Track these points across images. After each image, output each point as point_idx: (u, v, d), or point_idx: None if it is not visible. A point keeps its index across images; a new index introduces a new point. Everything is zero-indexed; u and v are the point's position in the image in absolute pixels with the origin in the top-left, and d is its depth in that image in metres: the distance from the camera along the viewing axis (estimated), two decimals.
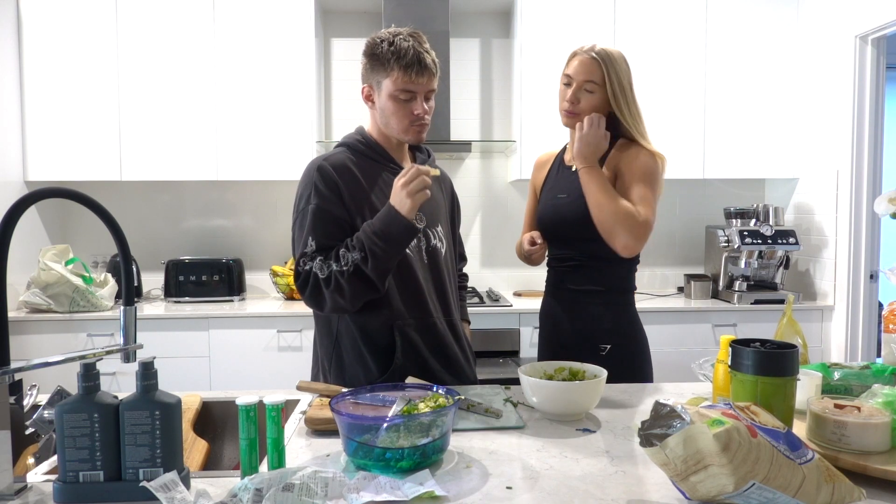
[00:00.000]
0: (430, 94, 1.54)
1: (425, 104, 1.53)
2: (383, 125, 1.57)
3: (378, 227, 1.43)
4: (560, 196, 1.74)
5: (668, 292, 3.54)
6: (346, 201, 1.50)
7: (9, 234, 0.96)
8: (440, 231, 1.65)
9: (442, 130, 3.21)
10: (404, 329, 1.54)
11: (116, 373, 2.88)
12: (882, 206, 1.46)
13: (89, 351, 1.03)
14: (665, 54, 3.24)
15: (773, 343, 1.12)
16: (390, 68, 1.48)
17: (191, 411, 1.38)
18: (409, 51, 1.46)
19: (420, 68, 1.47)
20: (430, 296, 1.59)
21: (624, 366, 1.68)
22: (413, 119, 1.52)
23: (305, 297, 1.49)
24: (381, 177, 1.56)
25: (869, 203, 2.99)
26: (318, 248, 1.47)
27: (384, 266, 1.44)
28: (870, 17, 2.88)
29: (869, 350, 3.05)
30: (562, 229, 1.73)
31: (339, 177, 1.51)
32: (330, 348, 1.59)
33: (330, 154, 1.58)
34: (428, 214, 1.61)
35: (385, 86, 1.51)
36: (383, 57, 1.48)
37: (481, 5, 3.51)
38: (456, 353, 1.64)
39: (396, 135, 1.57)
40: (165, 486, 0.90)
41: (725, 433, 0.82)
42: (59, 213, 3.43)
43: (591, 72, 1.66)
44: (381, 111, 1.55)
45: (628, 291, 1.77)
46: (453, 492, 0.96)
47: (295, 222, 1.54)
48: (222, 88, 3.15)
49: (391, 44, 1.48)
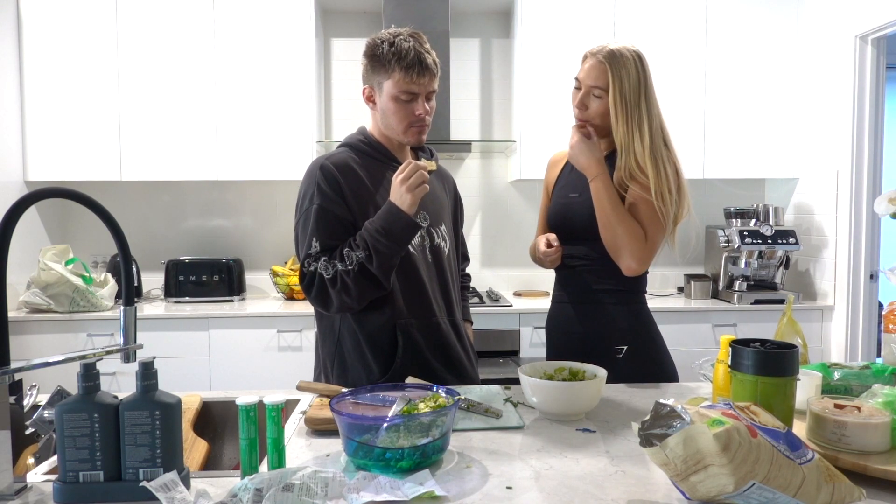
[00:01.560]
0: (431, 94, 1.54)
1: (426, 104, 1.53)
2: (384, 126, 1.57)
3: (380, 224, 1.43)
4: (572, 195, 1.71)
5: (668, 292, 3.54)
6: (348, 200, 1.50)
7: (9, 234, 0.96)
8: (444, 230, 1.65)
9: (442, 130, 3.21)
10: (407, 329, 1.54)
11: (116, 373, 2.88)
12: (882, 206, 1.46)
13: (89, 351, 1.03)
14: (665, 54, 3.24)
15: (773, 343, 1.12)
16: (391, 69, 1.47)
17: (191, 411, 1.38)
18: (410, 51, 1.46)
19: (421, 69, 1.47)
20: (434, 295, 1.59)
21: (643, 368, 1.64)
22: (414, 120, 1.52)
23: (311, 298, 1.49)
24: (386, 175, 1.56)
25: (869, 203, 2.99)
26: (322, 249, 1.47)
27: (388, 263, 1.44)
28: (870, 17, 2.88)
29: (869, 350, 3.05)
30: (573, 228, 1.69)
31: (342, 176, 1.51)
32: (332, 349, 1.59)
33: (332, 154, 1.58)
34: (431, 213, 1.62)
35: (386, 87, 1.51)
36: (384, 58, 1.48)
37: (481, 5, 3.51)
38: (458, 353, 1.64)
39: (397, 136, 1.57)
40: (165, 486, 0.90)
41: (725, 433, 0.82)
42: (59, 213, 3.43)
43: (597, 77, 1.60)
44: (383, 112, 1.55)
45: (641, 291, 1.73)
46: (453, 492, 0.96)
47: (298, 223, 1.54)
48: (222, 88, 3.15)
49: (392, 45, 1.47)
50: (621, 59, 1.58)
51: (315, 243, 1.47)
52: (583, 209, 1.65)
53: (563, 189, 1.76)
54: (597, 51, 1.61)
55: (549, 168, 1.88)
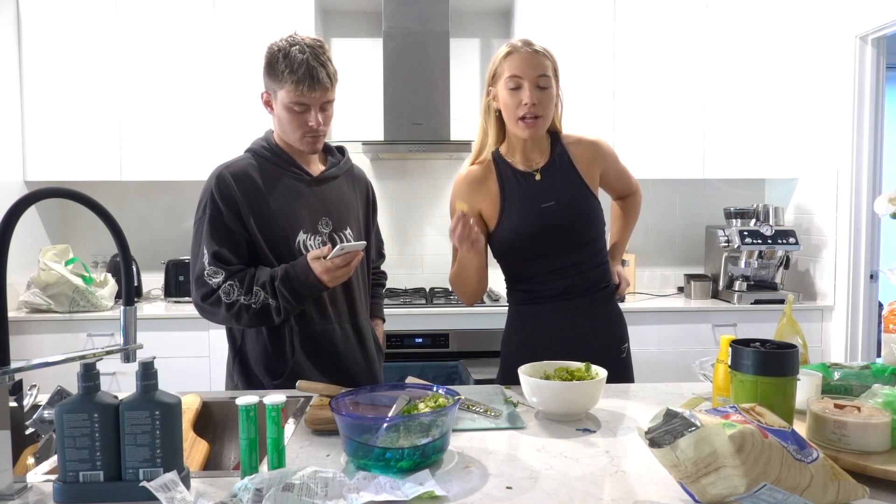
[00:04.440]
0: (326, 105, 1.54)
1: (320, 115, 1.53)
2: (281, 132, 1.59)
3: (296, 286, 1.47)
4: (545, 205, 1.60)
5: (668, 292, 3.53)
6: (242, 209, 1.52)
7: (9, 234, 0.96)
8: (348, 234, 1.66)
9: (442, 130, 3.21)
10: (301, 332, 1.57)
11: (116, 373, 2.87)
12: (882, 206, 1.46)
13: (89, 351, 1.03)
14: (665, 54, 3.23)
15: (773, 343, 1.12)
16: (284, 80, 1.48)
17: (191, 411, 1.38)
18: (302, 65, 1.45)
19: (312, 83, 1.46)
20: (334, 300, 1.62)
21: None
22: (307, 130, 1.54)
23: (199, 308, 1.53)
24: (282, 181, 1.58)
25: (869, 203, 2.99)
26: (213, 257, 1.49)
27: (289, 315, 1.52)
28: (870, 17, 2.88)
29: (869, 350, 3.05)
30: (559, 237, 1.60)
31: (238, 184, 1.53)
32: (234, 350, 1.63)
33: (232, 162, 1.60)
34: (335, 219, 1.63)
35: (280, 96, 1.52)
36: (278, 68, 1.48)
37: (481, 5, 3.50)
38: (356, 356, 1.66)
39: (293, 143, 1.59)
40: (165, 486, 0.90)
41: (740, 434, 0.82)
42: (59, 213, 3.43)
43: (541, 65, 1.53)
44: (279, 119, 1.57)
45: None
46: (453, 492, 0.96)
47: (194, 230, 1.56)
48: (222, 88, 3.15)
49: (286, 56, 1.47)
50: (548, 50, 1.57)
51: (205, 252, 1.50)
52: (566, 216, 1.59)
53: (526, 202, 1.61)
54: (519, 46, 1.55)
55: (470, 188, 1.65)
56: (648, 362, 2.97)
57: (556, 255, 1.62)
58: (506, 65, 1.55)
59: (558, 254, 1.61)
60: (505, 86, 1.55)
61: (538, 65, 1.53)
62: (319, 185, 1.63)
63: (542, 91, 1.54)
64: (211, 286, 1.48)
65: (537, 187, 1.61)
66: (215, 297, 1.48)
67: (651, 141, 3.24)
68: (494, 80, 1.59)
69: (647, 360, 2.95)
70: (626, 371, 1.69)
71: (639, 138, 3.22)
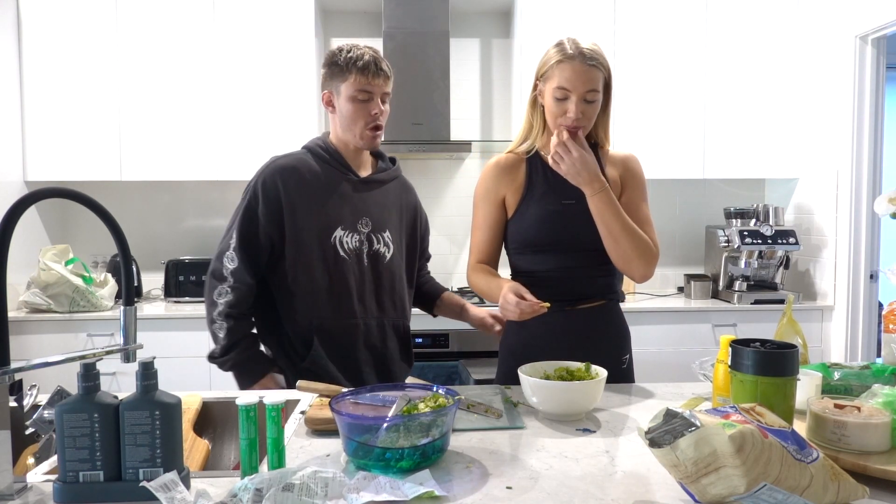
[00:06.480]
0: (385, 96, 1.64)
1: (381, 105, 1.63)
2: (342, 129, 1.66)
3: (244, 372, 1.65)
4: (567, 202, 1.58)
5: (668, 292, 3.53)
6: (282, 203, 1.60)
7: (9, 234, 0.96)
8: (387, 236, 1.70)
9: (442, 130, 3.21)
10: (320, 328, 1.62)
11: (116, 373, 2.87)
12: (882, 206, 1.46)
13: (89, 351, 1.03)
14: (665, 54, 3.24)
15: (773, 343, 1.12)
16: (348, 72, 1.59)
17: (191, 411, 1.38)
18: (364, 55, 1.59)
19: (376, 70, 1.60)
20: (362, 298, 1.66)
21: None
22: (369, 119, 1.61)
23: (208, 276, 1.65)
24: (330, 177, 1.66)
25: (869, 203, 2.99)
26: (238, 243, 1.61)
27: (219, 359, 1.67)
28: (870, 17, 2.88)
29: (869, 350, 3.05)
30: (576, 237, 1.57)
31: (286, 179, 1.61)
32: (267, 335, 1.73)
33: (287, 155, 1.68)
34: (374, 219, 1.68)
35: (343, 89, 1.61)
36: (342, 63, 1.60)
37: (481, 5, 3.51)
38: (380, 353, 1.70)
39: (354, 140, 1.65)
40: (165, 486, 0.90)
41: (740, 434, 0.82)
42: (59, 213, 3.43)
43: (593, 80, 1.50)
44: (341, 114, 1.64)
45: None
46: (453, 492, 0.96)
47: (236, 207, 1.66)
48: (222, 88, 3.15)
49: (349, 51, 1.61)
50: (603, 54, 1.53)
51: (234, 236, 1.61)
52: (584, 215, 1.54)
53: (547, 196, 1.61)
54: (573, 52, 1.50)
55: (498, 174, 1.66)
56: (648, 362, 2.96)
57: (566, 253, 1.59)
58: (556, 72, 1.51)
59: (568, 252, 1.59)
60: (552, 93, 1.52)
61: (589, 80, 1.49)
62: (365, 186, 1.69)
63: (589, 105, 1.52)
64: (221, 271, 1.62)
65: (563, 184, 1.56)
66: (217, 283, 1.62)
67: (651, 141, 3.24)
68: (543, 79, 1.57)
69: (647, 360, 2.95)
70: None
71: (639, 138, 3.22)
